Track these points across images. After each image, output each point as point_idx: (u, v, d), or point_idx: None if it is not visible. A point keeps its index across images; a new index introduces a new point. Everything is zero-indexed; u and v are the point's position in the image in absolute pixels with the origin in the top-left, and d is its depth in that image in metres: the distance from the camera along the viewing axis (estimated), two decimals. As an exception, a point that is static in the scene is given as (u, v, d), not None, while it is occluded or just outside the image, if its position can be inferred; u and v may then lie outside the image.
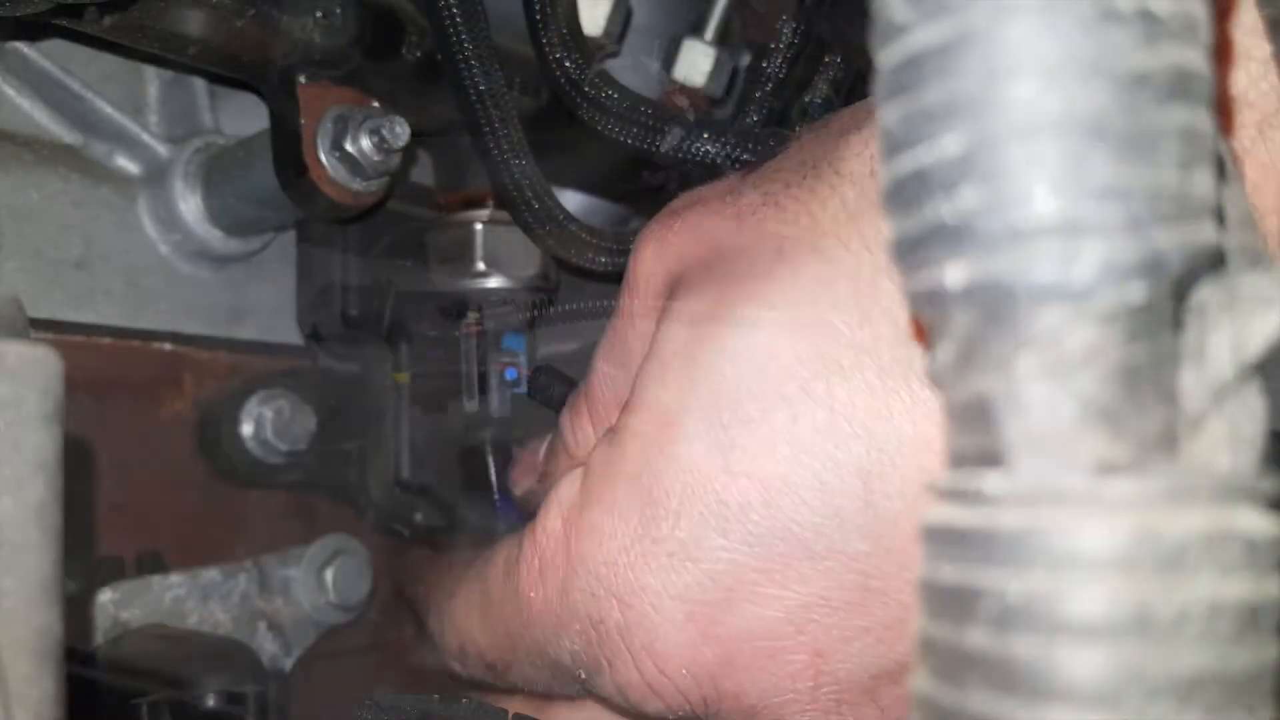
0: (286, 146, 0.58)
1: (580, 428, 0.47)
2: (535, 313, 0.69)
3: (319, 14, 0.56)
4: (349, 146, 0.58)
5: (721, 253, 0.36)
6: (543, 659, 0.40)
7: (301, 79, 0.57)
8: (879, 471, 0.32)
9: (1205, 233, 0.20)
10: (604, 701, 0.39)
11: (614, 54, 0.72)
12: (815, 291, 0.33)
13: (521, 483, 0.55)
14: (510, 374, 0.65)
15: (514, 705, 0.43)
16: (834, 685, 0.34)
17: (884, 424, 0.31)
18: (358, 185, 0.60)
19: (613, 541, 0.36)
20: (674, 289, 0.38)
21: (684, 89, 0.72)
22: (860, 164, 0.35)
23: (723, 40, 0.73)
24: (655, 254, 0.39)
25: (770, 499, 0.33)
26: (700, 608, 0.34)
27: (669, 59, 0.73)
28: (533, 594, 0.39)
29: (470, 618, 0.44)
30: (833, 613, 0.33)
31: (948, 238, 0.20)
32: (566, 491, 0.39)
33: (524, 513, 0.56)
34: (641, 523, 0.35)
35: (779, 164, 0.38)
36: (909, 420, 0.31)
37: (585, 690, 0.39)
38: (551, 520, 0.39)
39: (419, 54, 0.60)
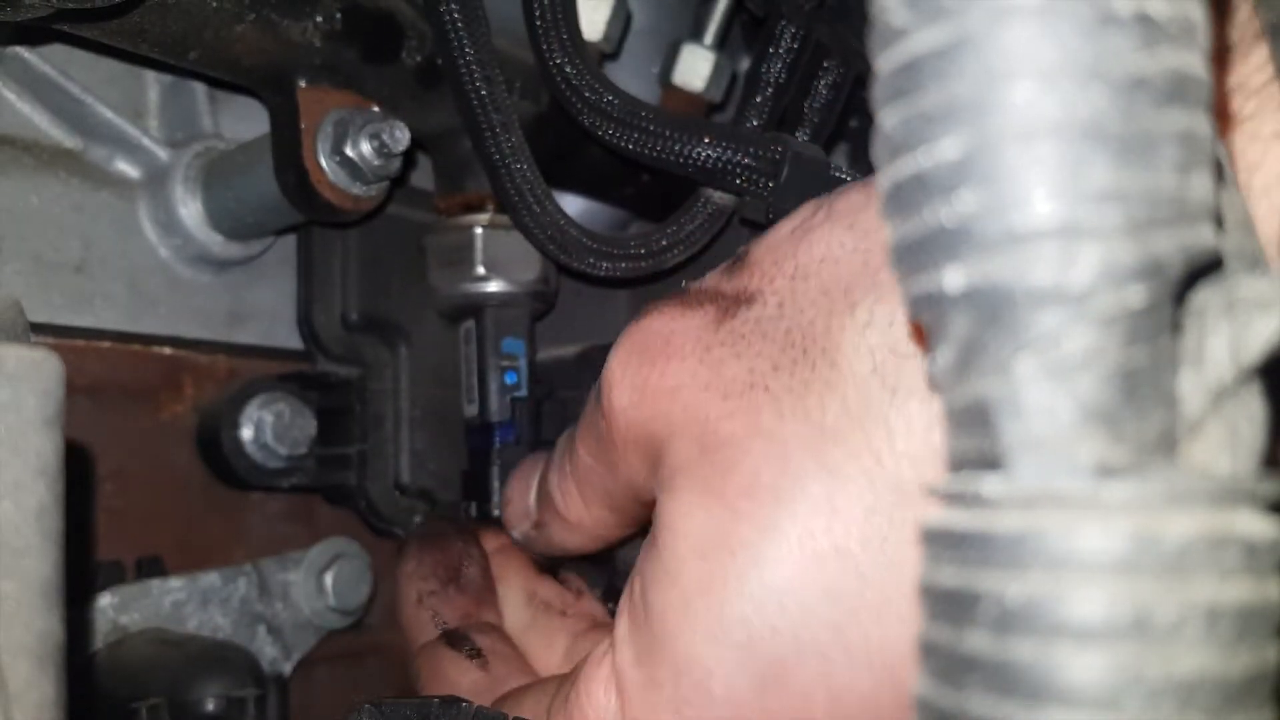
0: (286, 150, 0.59)
1: (569, 498, 0.46)
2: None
3: (319, 18, 0.56)
4: (349, 151, 0.58)
5: (714, 436, 0.34)
6: None
7: (301, 83, 0.58)
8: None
9: (1204, 236, 0.20)
10: None
11: (614, 58, 0.72)
12: (830, 517, 0.31)
13: (517, 525, 0.54)
14: (510, 377, 0.65)
15: None
16: None
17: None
18: (358, 189, 0.60)
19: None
20: (662, 455, 0.37)
21: (683, 93, 0.72)
22: (858, 357, 0.32)
23: (722, 45, 0.73)
24: (633, 406, 0.37)
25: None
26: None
27: (668, 63, 0.73)
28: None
29: None
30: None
31: (946, 241, 0.20)
32: (602, 699, 0.37)
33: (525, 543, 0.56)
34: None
35: (758, 323, 0.35)
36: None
37: None
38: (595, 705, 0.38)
39: (419, 58, 0.61)
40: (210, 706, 0.51)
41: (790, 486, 0.32)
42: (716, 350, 0.36)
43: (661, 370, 0.37)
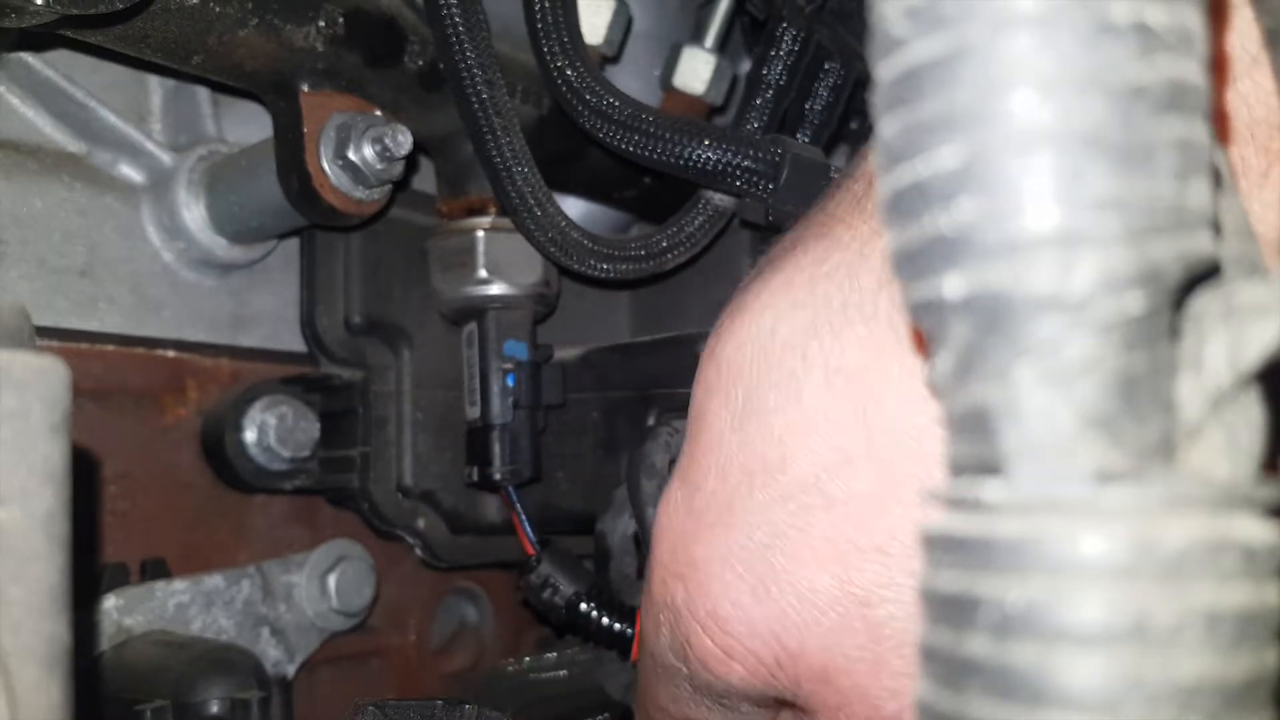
0: (289, 154, 0.59)
1: None
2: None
3: (321, 23, 0.56)
4: (352, 154, 0.58)
5: (754, 276, 0.40)
6: (661, 668, 0.42)
7: (304, 87, 0.58)
8: (874, 412, 0.34)
9: (1202, 243, 0.21)
10: (711, 693, 0.41)
11: (615, 61, 0.72)
12: (813, 269, 0.37)
13: None
14: (510, 379, 0.65)
15: None
16: (891, 636, 0.34)
17: (875, 368, 0.34)
18: (360, 193, 0.60)
19: (670, 529, 0.39)
20: None
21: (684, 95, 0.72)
22: (867, 166, 0.38)
23: (723, 47, 0.73)
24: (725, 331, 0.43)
25: (786, 455, 0.36)
26: (745, 567, 0.36)
27: (669, 66, 0.73)
28: (644, 606, 0.42)
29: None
30: (862, 556, 0.34)
31: (946, 249, 0.20)
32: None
33: None
34: (687, 505, 0.39)
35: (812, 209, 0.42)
36: (895, 360, 0.34)
37: (693, 687, 0.41)
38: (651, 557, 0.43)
39: (421, 62, 0.61)
40: (214, 708, 0.51)
41: (790, 258, 0.38)
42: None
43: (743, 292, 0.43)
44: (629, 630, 0.63)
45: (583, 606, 0.63)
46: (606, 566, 0.62)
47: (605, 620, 0.63)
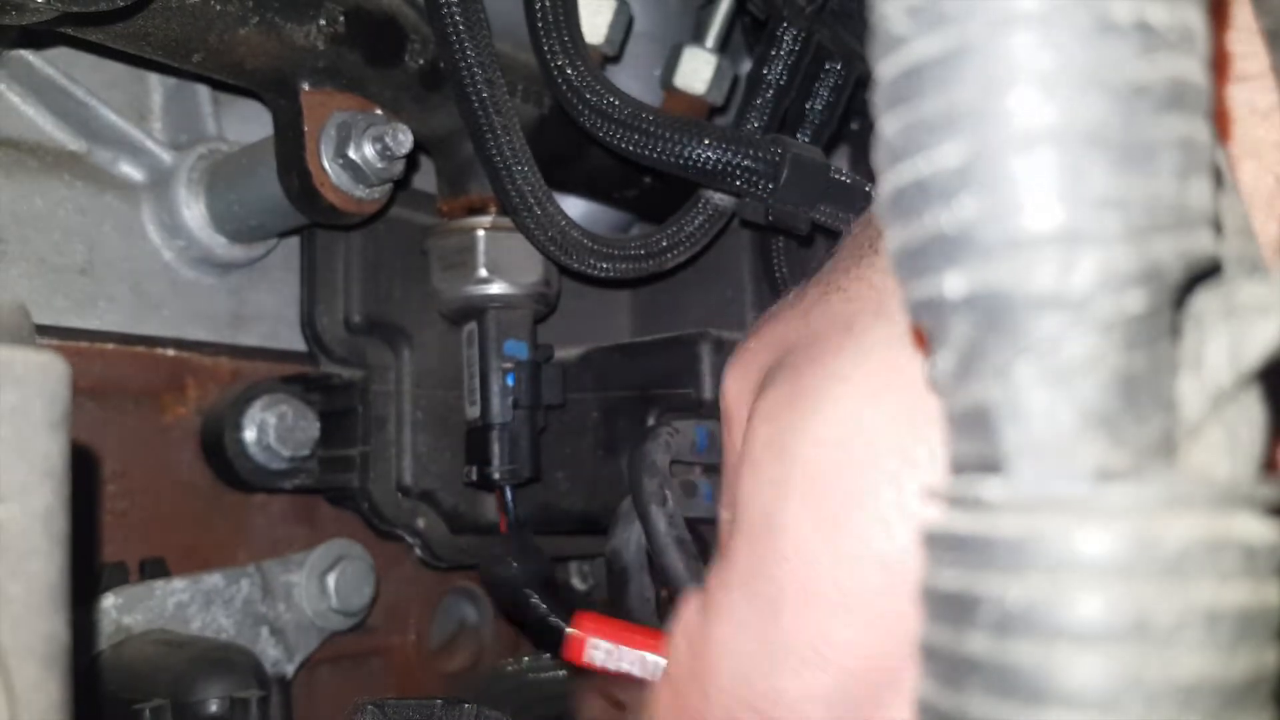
0: (290, 153, 0.59)
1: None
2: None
3: (322, 21, 0.56)
4: (352, 153, 0.58)
5: (794, 348, 0.35)
6: None
7: (305, 86, 0.58)
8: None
9: (1203, 242, 0.21)
10: None
11: (615, 61, 0.72)
12: (886, 354, 0.32)
13: None
14: (510, 379, 0.65)
15: None
16: None
17: None
18: (361, 192, 0.60)
19: (740, 653, 0.33)
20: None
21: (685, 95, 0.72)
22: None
23: (723, 47, 0.73)
24: (738, 379, 0.38)
25: (891, 579, 0.30)
26: (848, 710, 0.31)
27: (670, 66, 0.73)
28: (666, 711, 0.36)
29: None
30: None
31: (947, 247, 0.20)
32: (688, 615, 0.37)
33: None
34: (762, 628, 0.33)
35: (836, 257, 0.38)
36: None
37: None
38: (678, 648, 0.36)
39: (422, 61, 0.61)
40: (213, 707, 0.51)
41: (851, 342, 0.33)
42: (802, 291, 0.38)
43: (757, 336, 0.39)
44: (563, 627, 0.60)
45: (526, 591, 0.62)
46: (625, 589, 0.58)
47: (540, 611, 0.62)
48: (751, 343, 0.39)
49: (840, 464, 0.31)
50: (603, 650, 0.58)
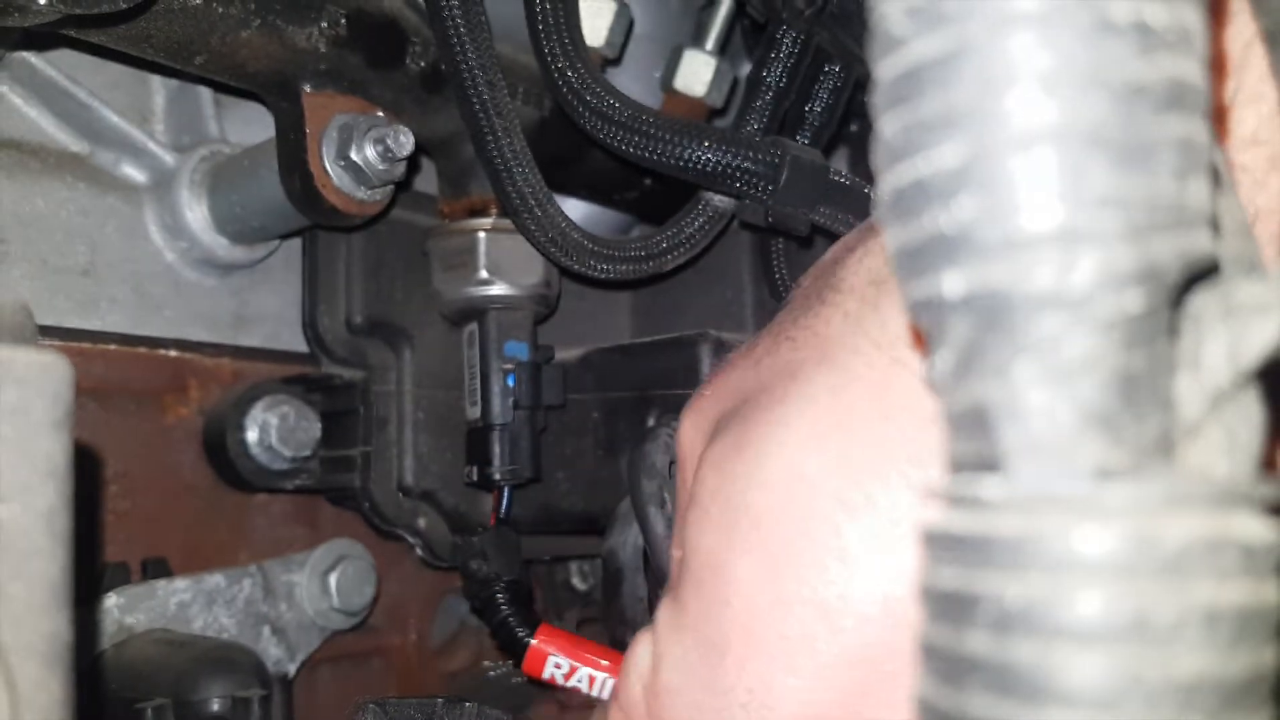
0: (291, 155, 0.59)
1: None
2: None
3: (323, 24, 0.56)
4: (354, 155, 0.59)
5: (744, 396, 0.36)
6: None
7: (306, 88, 0.58)
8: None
9: (1201, 241, 0.21)
10: None
11: (616, 63, 0.72)
12: (831, 403, 0.32)
13: None
14: (510, 379, 0.66)
15: None
16: None
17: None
18: (362, 193, 0.60)
19: (686, 699, 0.34)
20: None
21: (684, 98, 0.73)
22: (858, 276, 0.34)
23: (723, 50, 0.73)
24: (692, 425, 0.39)
25: (832, 624, 0.30)
26: None
27: (670, 68, 0.73)
28: None
29: None
30: None
31: (946, 247, 0.21)
32: (640, 655, 0.37)
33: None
34: (709, 674, 0.33)
35: (788, 307, 0.38)
36: None
37: None
38: (630, 687, 0.37)
39: (423, 63, 0.61)
40: (215, 707, 0.51)
41: (795, 389, 0.33)
42: (754, 340, 0.38)
43: (711, 384, 0.39)
44: (525, 638, 0.62)
45: (496, 590, 0.63)
46: (619, 589, 0.58)
47: (509, 618, 0.63)
48: (707, 390, 0.39)
49: (781, 510, 0.32)
50: (564, 667, 0.59)
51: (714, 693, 0.33)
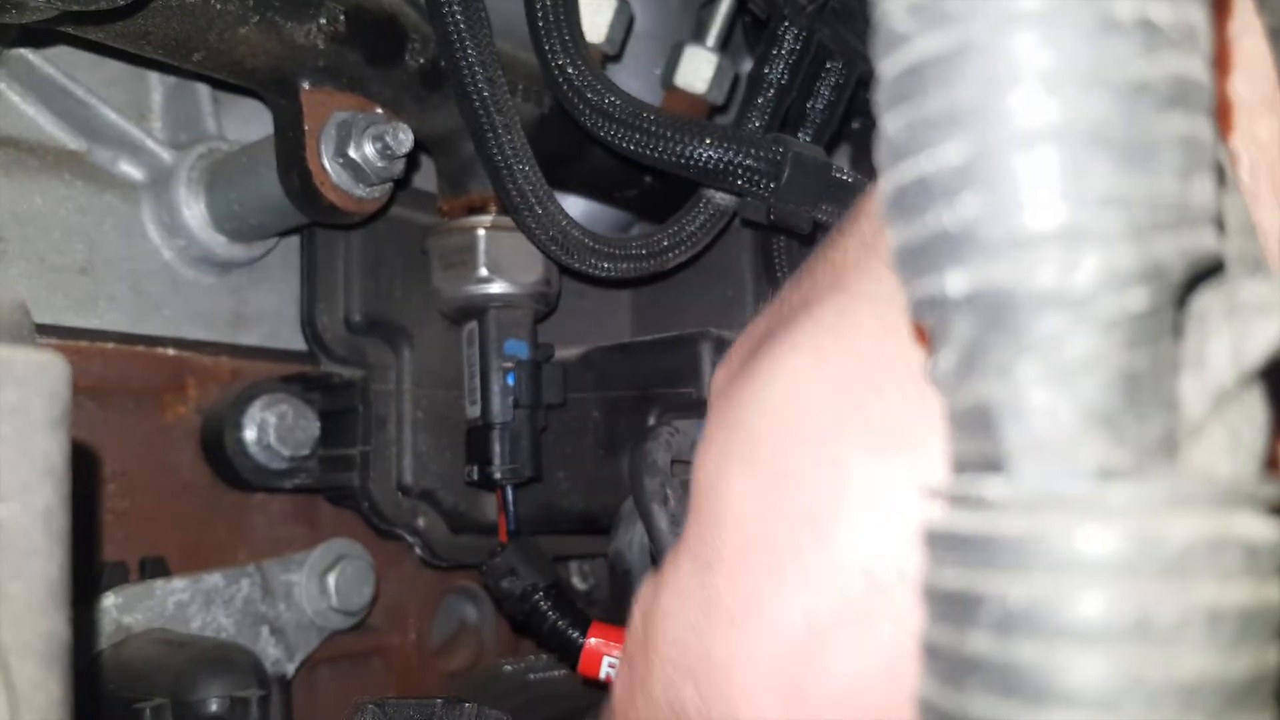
0: (290, 152, 0.59)
1: None
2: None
3: (322, 20, 0.56)
4: (352, 152, 0.58)
5: (764, 336, 0.36)
6: None
7: (305, 85, 0.58)
8: (932, 480, 0.29)
9: (1205, 240, 0.21)
10: None
11: (616, 60, 0.72)
12: (837, 322, 0.32)
13: None
14: (510, 378, 0.65)
15: None
16: None
17: (928, 430, 0.28)
18: (361, 191, 0.60)
19: (679, 619, 0.33)
20: None
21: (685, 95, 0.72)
22: (874, 208, 0.34)
23: (724, 47, 0.73)
24: (721, 370, 0.39)
25: (821, 535, 0.30)
26: (775, 671, 0.31)
27: (671, 65, 0.73)
28: (627, 698, 0.36)
29: None
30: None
31: (949, 245, 0.20)
32: (645, 590, 0.37)
33: None
34: (701, 593, 0.33)
35: (808, 263, 0.38)
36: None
37: None
38: (634, 621, 0.37)
39: (422, 60, 0.61)
40: (213, 707, 0.51)
41: (805, 313, 0.33)
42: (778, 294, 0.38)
43: (743, 332, 0.39)
44: (579, 638, 0.61)
45: (538, 599, 0.62)
46: (629, 590, 0.57)
47: (558, 622, 0.62)
48: (740, 338, 0.40)
49: (776, 428, 0.32)
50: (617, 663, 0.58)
51: (706, 611, 0.32)
